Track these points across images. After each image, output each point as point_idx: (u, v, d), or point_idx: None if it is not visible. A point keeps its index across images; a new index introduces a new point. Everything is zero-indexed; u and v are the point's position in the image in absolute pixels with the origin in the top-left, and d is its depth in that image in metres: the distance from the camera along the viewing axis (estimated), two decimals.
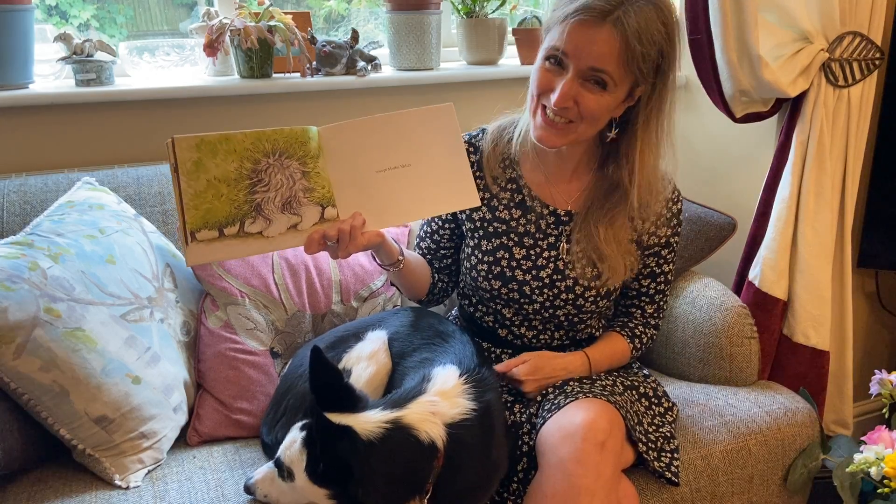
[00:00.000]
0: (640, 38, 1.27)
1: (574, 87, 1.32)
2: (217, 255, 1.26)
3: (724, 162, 2.22)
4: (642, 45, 1.28)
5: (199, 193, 1.22)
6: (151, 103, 1.91)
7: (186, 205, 1.22)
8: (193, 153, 1.21)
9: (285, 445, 1.24)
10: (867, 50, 1.87)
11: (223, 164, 1.23)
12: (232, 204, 1.24)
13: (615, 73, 1.30)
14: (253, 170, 1.25)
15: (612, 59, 1.29)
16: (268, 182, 1.26)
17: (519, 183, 1.53)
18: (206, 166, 1.22)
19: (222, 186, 1.24)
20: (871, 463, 1.53)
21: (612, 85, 1.32)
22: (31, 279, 1.37)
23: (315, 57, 2.01)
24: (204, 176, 1.22)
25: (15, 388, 1.36)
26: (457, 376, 1.30)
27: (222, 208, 1.24)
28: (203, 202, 1.23)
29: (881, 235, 2.15)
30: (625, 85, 1.33)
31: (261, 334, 1.66)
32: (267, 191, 1.26)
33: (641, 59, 1.29)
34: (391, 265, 1.47)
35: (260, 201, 1.26)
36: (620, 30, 1.27)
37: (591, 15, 1.28)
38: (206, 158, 1.22)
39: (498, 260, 1.51)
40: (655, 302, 1.61)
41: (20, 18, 1.76)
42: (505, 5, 2.24)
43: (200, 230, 1.23)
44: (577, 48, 1.30)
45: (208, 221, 1.23)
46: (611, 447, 1.30)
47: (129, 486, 1.42)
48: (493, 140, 1.54)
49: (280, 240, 1.29)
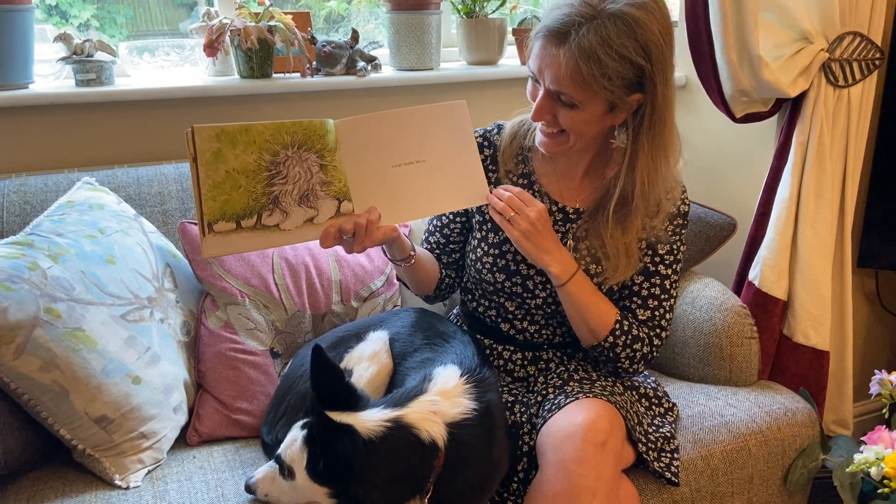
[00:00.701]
0: (597, 58, 1.25)
1: (548, 104, 1.35)
2: (234, 248, 1.25)
3: (724, 162, 2.22)
4: (601, 65, 1.25)
5: (217, 184, 1.21)
6: (151, 103, 1.91)
7: (204, 195, 1.21)
8: (213, 143, 1.20)
9: (286, 444, 1.24)
10: (867, 50, 1.87)
11: (242, 156, 1.22)
12: (250, 196, 1.24)
13: (574, 94, 1.30)
14: (272, 161, 1.24)
15: (567, 81, 1.29)
16: (286, 174, 1.26)
17: (530, 178, 1.53)
18: (226, 157, 1.21)
19: (241, 178, 1.22)
20: (871, 463, 1.53)
21: (578, 104, 1.32)
22: (31, 279, 1.37)
23: (315, 57, 2.01)
24: (223, 167, 1.21)
25: (15, 388, 1.36)
26: (458, 376, 1.31)
27: (240, 200, 1.23)
28: (221, 193, 1.22)
29: (881, 235, 2.15)
30: (595, 102, 1.32)
31: (261, 334, 1.66)
32: (285, 183, 1.26)
33: (603, 77, 1.26)
34: (403, 260, 1.47)
35: (277, 193, 1.25)
36: (573, 52, 1.26)
37: (550, 36, 1.29)
38: (225, 149, 1.21)
39: (503, 253, 1.51)
40: (649, 307, 1.48)
41: (20, 18, 1.76)
42: (505, 5, 2.24)
43: (218, 221, 1.22)
44: (541, 69, 1.33)
45: (226, 213, 1.22)
46: (611, 447, 1.30)
47: (129, 486, 1.42)
48: (512, 134, 1.55)
49: (297, 233, 1.28)
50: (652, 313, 1.48)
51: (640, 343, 1.46)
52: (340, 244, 1.32)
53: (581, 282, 1.42)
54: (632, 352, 1.46)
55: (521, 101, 1.53)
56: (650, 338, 1.48)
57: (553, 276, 1.41)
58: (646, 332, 1.48)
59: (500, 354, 1.58)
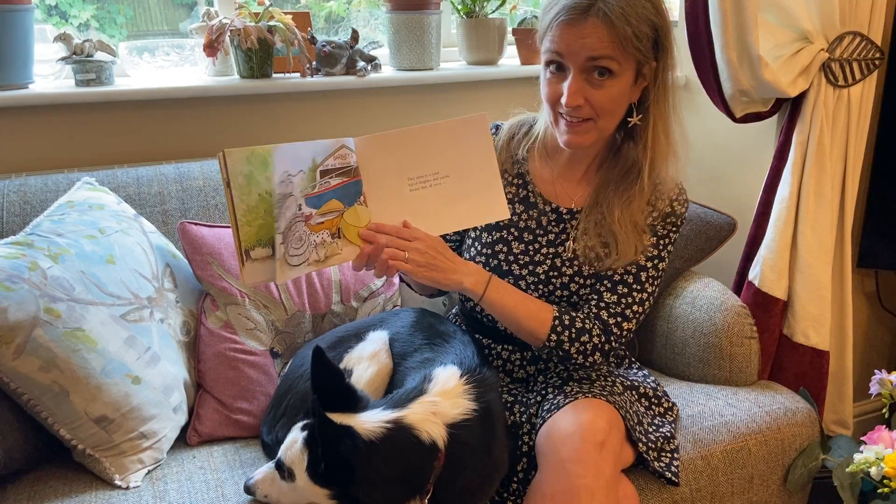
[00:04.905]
0: (626, 19, 1.29)
1: (580, 84, 1.34)
2: (271, 276, 1.21)
3: (724, 162, 2.22)
4: (631, 25, 1.30)
5: (251, 208, 1.17)
6: (151, 103, 1.91)
7: (240, 220, 1.17)
8: (244, 166, 1.16)
9: (286, 445, 1.24)
10: (867, 50, 1.87)
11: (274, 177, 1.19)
12: None
13: (614, 55, 1.32)
14: None
15: (606, 45, 1.30)
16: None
17: (525, 179, 1.53)
18: (258, 180, 1.17)
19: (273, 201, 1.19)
20: (871, 463, 1.53)
21: (617, 68, 1.33)
22: (31, 279, 1.37)
23: (315, 57, 2.01)
24: (255, 190, 1.17)
25: (15, 388, 1.36)
26: (458, 376, 1.31)
27: (274, 224, 1.19)
28: (256, 218, 1.18)
29: (881, 235, 2.15)
30: (630, 66, 1.35)
31: (261, 334, 1.66)
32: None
33: (635, 38, 1.30)
34: None
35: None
36: (605, 18, 1.29)
37: (573, 13, 1.31)
38: (256, 172, 1.17)
39: (496, 253, 1.51)
40: (616, 292, 1.44)
41: (20, 18, 1.76)
42: (505, 5, 2.24)
43: (255, 248, 1.19)
44: (569, 46, 1.32)
45: (261, 238, 1.19)
46: (610, 447, 1.30)
47: (129, 486, 1.42)
48: (511, 134, 1.55)
49: (333, 257, 1.27)
50: (619, 299, 1.45)
51: (587, 335, 1.42)
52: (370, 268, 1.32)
53: (499, 287, 1.41)
54: (581, 345, 1.42)
55: (521, 101, 1.53)
56: (607, 326, 1.44)
57: (470, 293, 1.38)
58: (603, 319, 1.44)
59: (500, 354, 1.58)
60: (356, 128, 2.04)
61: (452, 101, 2.20)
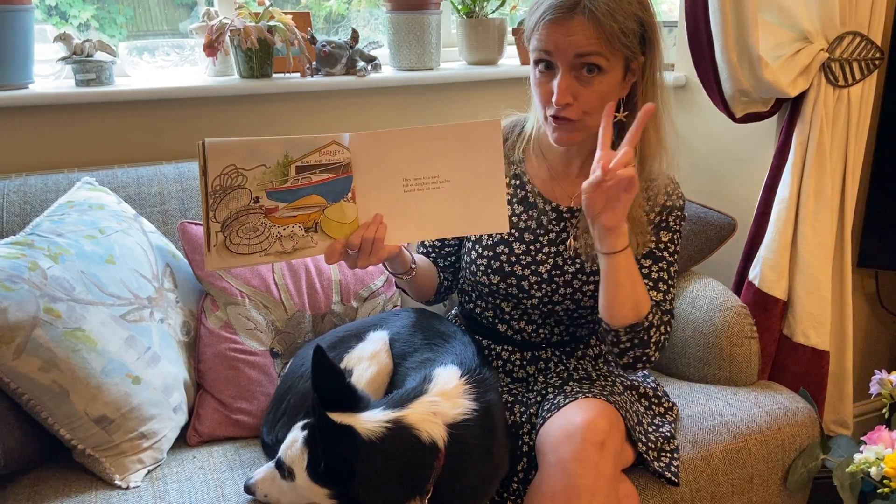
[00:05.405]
0: (612, 16, 1.29)
1: (569, 82, 1.33)
2: (237, 262, 1.23)
3: (724, 162, 2.22)
4: (617, 22, 1.30)
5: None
6: (151, 103, 1.92)
7: (211, 207, 1.19)
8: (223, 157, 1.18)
9: (286, 445, 1.24)
10: (867, 50, 1.87)
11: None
12: None
13: (602, 51, 1.31)
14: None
15: (593, 42, 1.30)
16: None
17: (522, 179, 1.53)
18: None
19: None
20: (871, 463, 1.53)
21: (605, 64, 1.32)
22: (31, 279, 1.37)
23: (315, 57, 2.02)
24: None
25: (15, 388, 1.36)
26: (458, 377, 1.31)
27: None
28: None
29: (881, 235, 2.15)
30: (618, 62, 1.34)
31: (261, 334, 1.66)
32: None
33: (622, 34, 1.30)
34: (404, 273, 1.46)
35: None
36: (591, 16, 1.29)
37: (559, 12, 1.31)
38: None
39: (497, 255, 1.51)
40: (660, 290, 1.45)
41: (20, 18, 1.76)
42: (505, 5, 2.24)
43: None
44: (557, 44, 1.32)
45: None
46: (610, 447, 1.30)
47: (129, 486, 1.42)
48: (504, 137, 1.54)
49: (302, 250, 1.27)
50: (663, 296, 1.45)
51: (664, 326, 1.42)
52: (345, 259, 1.30)
53: (630, 255, 1.36)
54: (659, 335, 1.41)
55: (521, 101, 1.53)
56: (664, 323, 1.44)
57: (617, 243, 1.32)
58: (665, 308, 1.44)
59: (499, 355, 1.58)
60: (356, 128, 2.01)
61: (452, 102, 2.20)
